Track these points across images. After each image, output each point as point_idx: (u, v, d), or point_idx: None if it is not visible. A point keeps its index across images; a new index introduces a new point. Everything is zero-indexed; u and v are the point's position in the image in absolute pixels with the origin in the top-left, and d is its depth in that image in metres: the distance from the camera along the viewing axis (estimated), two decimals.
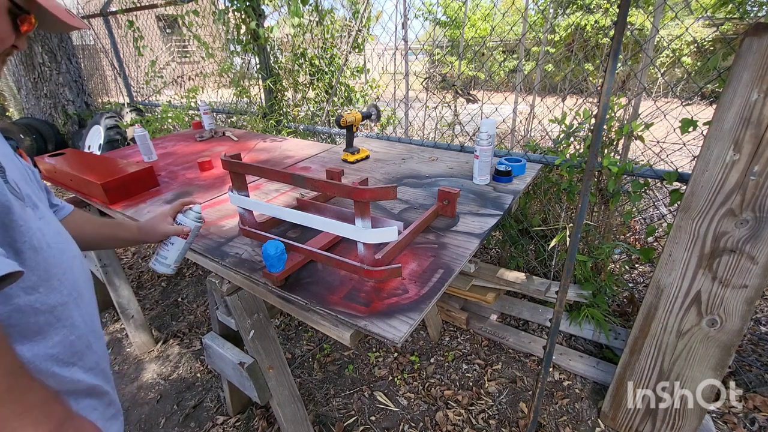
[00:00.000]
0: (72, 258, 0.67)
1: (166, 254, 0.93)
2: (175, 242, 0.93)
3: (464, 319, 2.11)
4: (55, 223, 0.68)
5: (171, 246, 0.93)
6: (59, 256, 0.63)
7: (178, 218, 0.95)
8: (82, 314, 0.67)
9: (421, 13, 9.03)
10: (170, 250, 0.93)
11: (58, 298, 0.62)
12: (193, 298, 2.56)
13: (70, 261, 0.66)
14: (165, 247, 0.94)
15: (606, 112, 0.90)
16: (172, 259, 0.94)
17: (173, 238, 0.93)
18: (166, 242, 0.93)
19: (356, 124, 1.83)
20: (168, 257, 0.93)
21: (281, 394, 1.36)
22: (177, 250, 0.94)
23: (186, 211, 0.96)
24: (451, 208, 1.26)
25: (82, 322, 0.67)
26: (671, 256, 1.29)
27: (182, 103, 3.80)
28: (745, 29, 1.06)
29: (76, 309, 0.66)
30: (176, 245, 0.93)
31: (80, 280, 0.68)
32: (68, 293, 0.64)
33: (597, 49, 3.99)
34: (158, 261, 0.93)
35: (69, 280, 0.65)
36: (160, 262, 0.93)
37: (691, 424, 1.41)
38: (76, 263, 0.68)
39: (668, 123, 1.71)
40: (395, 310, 0.86)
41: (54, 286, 0.61)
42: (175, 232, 0.94)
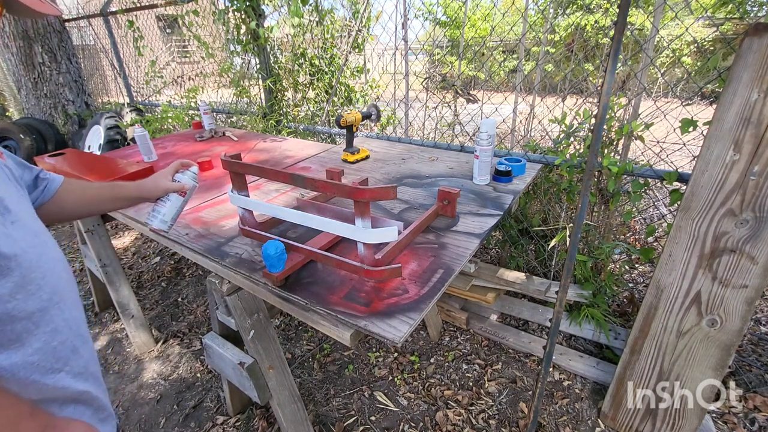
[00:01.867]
0: (52, 260, 0.64)
1: (164, 210, 0.96)
2: (173, 199, 0.97)
3: (464, 319, 2.11)
4: (33, 223, 0.65)
5: (168, 202, 0.96)
6: (36, 259, 0.60)
7: (177, 176, 0.99)
8: (65, 318, 0.64)
9: (421, 13, 9.03)
10: (167, 206, 0.96)
11: (36, 303, 0.59)
12: (193, 298, 2.56)
13: (50, 264, 0.63)
14: (162, 204, 0.97)
15: (606, 112, 0.90)
16: (170, 215, 0.97)
17: (171, 195, 0.96)
18: (164, 199, 0.96)
19: (356, 124, 1.83)
20: (166, 213, 0.96)
21: (281, 394, 1.36)
22: (174, 207, 0.97)
23: (183, 171, 1.00)
24: (451, 208, 1.26)
25: (66, 326, 0.64)
26: (671, 256, 1.29)
27: (182, 103, 3.80)
28: (745, 29, 1.06)
29: (58, 313, 0.63)
30: (173, 202, 0.97)
31: (61, 283, 0.65)
32: (48, 298, 0.61)
33: (597, 49, 3.99)
34: (155, 217, 0.96)
35: (49, 283, 0.62)
36: (157, 218, 0.96)
37: (691, 424, 1.41)
38: (57, 266, 0.65)
39: (668, 123, 1.70)
40: (395, 310, 0.86)
41: (32, 291, 0.59)
42: (176, 189, 0.96)
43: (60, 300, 0.64)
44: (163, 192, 0.96)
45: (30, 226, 0.63)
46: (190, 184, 0.99)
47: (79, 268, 2.95)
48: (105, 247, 1.97)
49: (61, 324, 0.63)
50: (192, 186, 1.00)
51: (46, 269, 0.62)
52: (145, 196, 0.96)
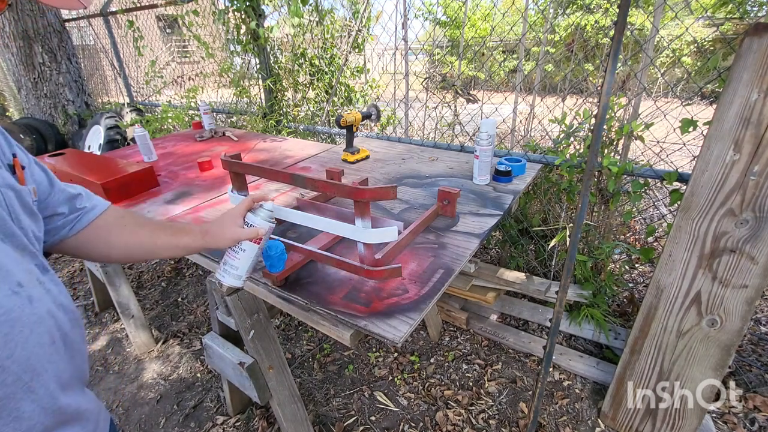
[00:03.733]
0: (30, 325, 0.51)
1: (237, 263, 0.76)
2: (247, 248, 0.76)
3: (464, 319, 2.11)
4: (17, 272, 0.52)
5: (242, 253, 0.76)
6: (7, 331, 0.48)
7: (248, 218, 0.78)
8: (38, 398, 0.52)
9: (421, 13, 9.03)
10: (241, 258, 0.76)
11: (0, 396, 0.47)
12: (193, 298, 2.56)
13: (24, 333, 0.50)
14: (235, 255, 0.76)
15: (606, 112, 0.90)
16: (244, 269, 0.77)
17: (245, 243, 0.76)
18: (236, 248, 0.76)
19: (356, 124, 1.83)
20: (239, 267, 0.77)
21: (281, 394, 1.36)
22: (249, 258, 0.77)
23: (256, 209, 0.79)
24: (451, 208, 1.26)
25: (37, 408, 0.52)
26: (671, 256, 1.29)
27: (182, 103, 3.80)
28: (745, 29, 1.06)
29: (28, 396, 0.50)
30: (248, 252, 0.76)
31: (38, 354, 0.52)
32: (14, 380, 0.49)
33: (597, 49, 3.99)
34: (227, 272, 0.77)
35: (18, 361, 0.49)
36: (230, 272, 0.77)
37: (691, 424, 1.41)
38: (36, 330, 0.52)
39: (668, 123, 1.70)
40: (395, 310, 0.86)
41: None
42: (248, 236, 0.75)
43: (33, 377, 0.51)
44: (232, 242, 0.76)
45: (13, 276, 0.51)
46: (266, 227, 0.77)
47: (79, 268, 2.95)
48: None
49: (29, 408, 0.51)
50: (268, 228, 0.78)
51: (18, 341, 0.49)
52: (211, 247, 0.76)
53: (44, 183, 0.66)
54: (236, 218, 0.77)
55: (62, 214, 0.68)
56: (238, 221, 0.77)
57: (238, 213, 0.77)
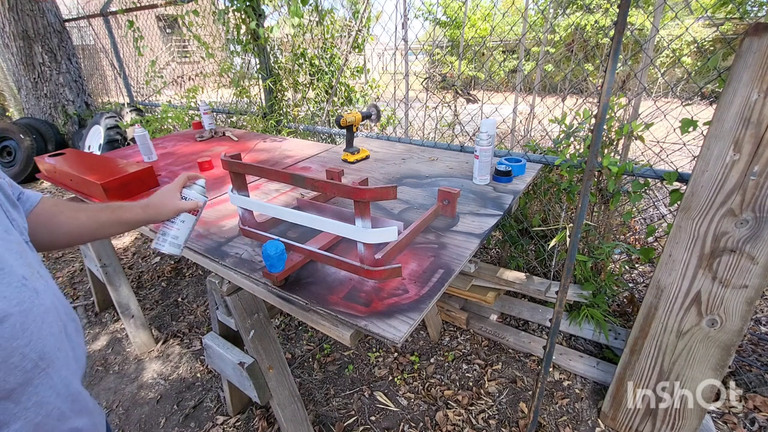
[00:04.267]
0: (41, 315, 0.54)
1: (177, 233, 0.84)
2: (186, 219, 0.85)
3: (464, 319, 2.11)
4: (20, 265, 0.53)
5: (181, 224, 0.84)
6: (23, 320, 0.51)
7: (184, 193, 0.86)
8: (54, 384, 0.55)
9: (421, 13, 9.04)
10: (181, 228, 0.84)
11: (19, 377, 0.50)
12: (193, 298, 2.56)
13: (38, 323, 0.53)
14: (173, 226, 0.84)
15: (606, 112, 0.90)
16: (183, 238, 0.85)
17: (183, 215, 0.85)
18: (175, 220, 0.84)
19: (356, 124, 1.83)
20: (179, 236, 0.85)
21: (281, 394, 1.36)
22: (187, 227, 0.85)
23: (191, 185, 0.88)
24: (451, 208, 1.26)
25: (53, 393, 0.55)
26: (671, 256, 1.29)
27: (182, 103, 3.80)
28: (745, 29, 1.06)
29: (46, 381, 0.54)
30: (187, 222, 0.85)
31: (51, 340, 0.55)
32: (33, 367, 0.52)
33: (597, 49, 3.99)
34: (166, 241, 0.84)
35: (35, 349, 0.52)
36: (170, 242, 0.84)
37: (691, 424, 1.41)
38: (47, 318, 0.55)
39: (668, 123, 1.71)
40: (395, 310, 0.86)
41: (14, 363, 0.50)
42: (189, 208, 0.84)
43: (48, 364, 0.55)
44: (174, 213, 0.83)
45: (16, 271, 0.53)
46: (201, 200, 0.87)
47: (79, 268, 2.95)
48: (105, 246, 1.97)
49: (48, 393, 0.55)
50: (203, 202, 0.88)
51: (33, 330, 0.53)
52: (154, 219, 0.83)
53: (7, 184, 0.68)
54: (174, 192, 0.84)
55: None
56: (177, 195, 0.85)
57: (175, 188, 0.85)
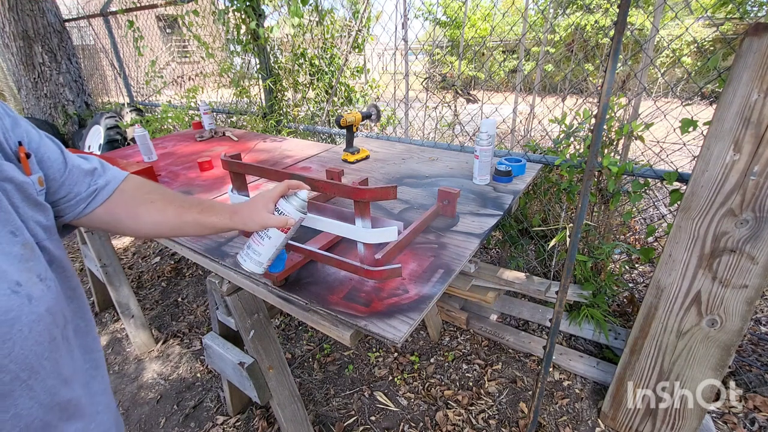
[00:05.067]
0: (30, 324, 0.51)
1: (261, 249, 0.75)
2: (273, 236, 0.74)
3: (464, 319, 2.11)
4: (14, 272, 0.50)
5: (267, 240, 0.74)
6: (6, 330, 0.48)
7: (279, 204, 0.75)
8: (35, 395, 0.53)
9: (421, 13, 9.04)
10: (266, 245, 0.75)
11: None
12: (193, 298, 2.56)
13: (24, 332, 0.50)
14: (260, 241, 0.75)
15: (606, 112, 0.90)
16: (267, 256, 0.76)
17: (271, 230, 0.74)
18: (262, 234, 0.75)
19: (356, 124, 1.83)
20: (262, 253, 0.75)
21: (281, 394, 1.36)
22: (273, 246, 0.75)
23: (290, 196, 0.76)
24: (451, 208, 1.26)
25: (35, 404, 0.53)
26: (671, 256, 1.29)
27: (182, 103, 3.80)
28: (745, 29, 1.06)
29: (26, 393, 0.51)
30: (273, 240, 0.74)
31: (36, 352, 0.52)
32: (12, 379, 0.49)
33: (597, 49, 3.99)
34: (249, 256, 0.76)
35: (16, 360, 0.49)
36: (252, 257, 0.76)
37: (691, 424, 1.41)
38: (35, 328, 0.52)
39: (668, 123, 1.71)
40: (395, 310, 0.86)
41: None
42: (276, 224, 0.73)
43: (31, 374, 0.52)
44: (260, 227, 0.73)
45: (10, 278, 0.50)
46: (297, 217, 0.75)
47: (79, 268, 2.95)
48: (105, 247, 1.97)
49: (27, 405, 0.52)
50: (299, 219, 0.75)
51: (16, 340, 0.49)
52: (238, 228, 0.74)
53: (58, 162, 0.63)
54: (268, 203, 0.74)
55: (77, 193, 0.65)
56: (270, 206, 0.74)
57: (270, 198, 0.74)
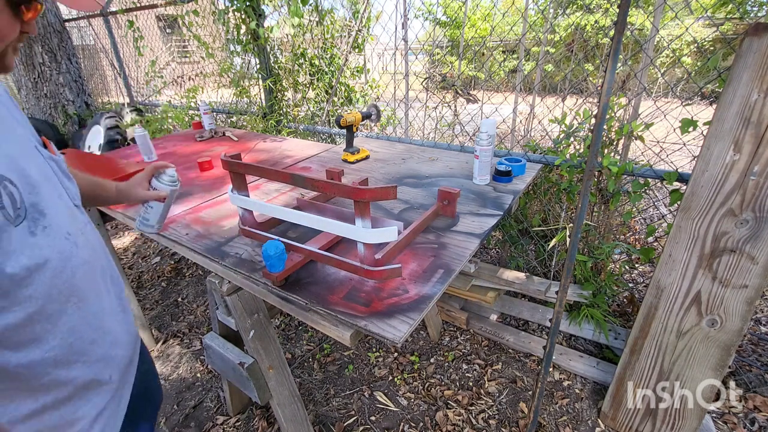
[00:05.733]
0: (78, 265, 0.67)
1: (148, 216, 0.99)
2: (154, 206, 0.97)
3: (464, 319, 2.11)
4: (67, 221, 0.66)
5: (151, 209, 0.98)
6: (62, 266, 0.63)
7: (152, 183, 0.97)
8: (84, 316, 0.68)
9: (421, 13, 9.04)
10: (150, 213, 0.98)
11: (56, 306, 0.63)
12: (193, 298, 2.56)
13: (74, 268, 0.66)
14: (146, 210, 0.99)
15: (606, 112, 0.90)
16: (154, 220, 0.99)
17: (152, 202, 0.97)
18: (146, 206, 0.98)
19: (356, 124, 1.83)
20: (149, 218, 0.99)
21: (281, 394, 1.36)
22: (157, 213, 0.99)
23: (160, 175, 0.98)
24: (451, 208, 1.26)
25: (84, 323, 0.69)
26: (671, 256, 1.29)
27: (182, 103, 3.80)
28: (745, 29, 1.06)
29: (76, 313, 0.67)
30: (155, 208, 0.98)
31: (83, 285, 0.68)
32: (66, 300, 0.64)
33: (597, 49, 3.99)
34: (141, 222, 0.99)
35: (69, 288, 0.65)
36: (144, 223, 0.99)
37: (691, 424, 1.41)
38: (83, 268, 0.68)
39: (668, 123, 1.71)
40: (395, 310, 0.86)
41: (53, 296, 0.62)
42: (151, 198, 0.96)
43: (80, 300, 0.67)
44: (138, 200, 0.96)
45: (62, 226, 0.65)
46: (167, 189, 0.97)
47: None
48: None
49: (79, 322, 0.68)
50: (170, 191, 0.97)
51: (70, 274, 0.65)
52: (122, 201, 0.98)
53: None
54: (142, 182, 0.97)
55: None
56: (144, 184, 0.97)
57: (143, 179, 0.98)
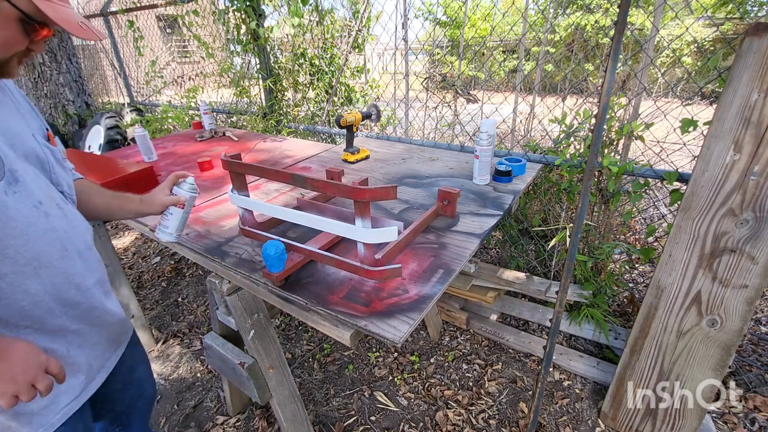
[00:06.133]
0: (42, 232, 0.72)
1: (168, 223, 1.02)
2: (174, 212, 1.01)
3: (464, 319, 2.11)
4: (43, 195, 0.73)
5: (170, 216, 1.02)
6: (23, 228, 0.69)
7: (174, 190, 1.02)
8: (43, 283, 0.73)
9: (421, 13, 9.04)
10: (170, 219, 1.02)
11: (10, 266, 0.68)
12: (193, 298, 2.56)
13: (39, 234, 0.71)
14: (165, 218, 1.02)
15: (606, 112, 0.90)
16: (173, 227, 1.03)
17: (171, 208, 1.01)
18: (166, 213, 1.02)
19: (356, 124, 1.83)
20: (169, 226, 1.02)
21: (281, 394, 1.36)
22: (176, 219, 1.03)
23: (180, 183, 1.04)
24: (451, 208, 1.26)
25: (42, 290, 0.73)
26: (671, 256, 1.29)
27: (182, 103, 3.80)
28: (745, 29, 1.06)
29: (34, 278, 0.71)
30: (175, 215, 1.02)
31: (45, 253, 0.73)
32: (25, 263, 0.70)
33: (597, 49, 3.99)
34: (161, 230, 1.03)
35: (29, 251, 0.70)
36: (162, 231, 1.03)
37: (691, 424, 1.41)
38: (46, 237, 0.73)
39: (668, 123, 1.71)
40: (395, 310, 0.86)
41: (8, 255, 0.67)
42: (171, 202, 1.01)
43: (39, 266, 0.72)
44: (161, 207, 1.00)
45: (34, 196, 0.72)
46: (187, 195, 1.03)
47: None
48: (105, 247, 1.97)
49: (36, 288, 0.72)
50: (189, 197, 1.03)
51: (30, 238, 0.70)
52: (146, 212, 1.02)
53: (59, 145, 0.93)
54: (164, 189, 1.02)
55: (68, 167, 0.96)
56: (166, 191, 1.02)
57: (164, 186, 1.02)
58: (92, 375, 0.88)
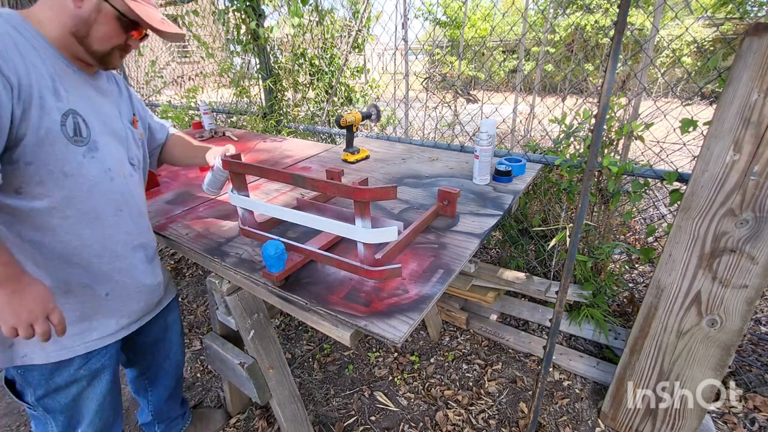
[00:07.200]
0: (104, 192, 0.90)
1: (206, 179, 1.27)
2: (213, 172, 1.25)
3: (464, 319, 2.11)
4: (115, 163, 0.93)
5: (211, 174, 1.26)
6: (89, 185, 0.86)
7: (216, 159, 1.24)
8: (95, 233, 0.91)
9: (421, 13, 9.05)
10: (208, 176, 1.27)
11: (73, 211, 0.85)
12: (193, 298, 2.56)
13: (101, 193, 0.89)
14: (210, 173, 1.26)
15: (606, 112, 0.90)
16: (205, 182, 1.27)
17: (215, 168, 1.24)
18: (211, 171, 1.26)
19: (356, 124, 1.83)
20: (205, 181, 1.27)
21: (281, 394, 1.36)
22: (208, 177, 1.27)
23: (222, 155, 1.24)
24: (451, 208, 1.26)
25: (93, 238, 0.90)
26: (671, 256, 1.29)
27: (182, 103, 3.80)
28: (745, 29, 1.06)
29: (89, 227, 0.89)
30: (208, 174, 1.27)
31: (101, 209, 0.90)
32: (85, 212, 0.87)
33: (597, 49, 3.99)
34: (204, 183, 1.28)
35: (87, 205, 0.87)
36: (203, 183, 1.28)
37: (691, 424, 1.41)
38: (107, 197, 0.91)
39: (668, 123, 1.71)
40: (395, 310, 0.86)
41: (74, 203, 0.85)
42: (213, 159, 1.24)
43: (95, 219, 0.90)
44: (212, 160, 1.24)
45: (106, 163, 0.90)
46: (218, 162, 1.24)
47: None
48: None
49: (88, 234, 0.89)
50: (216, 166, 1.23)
51: (92, 194, 0.88)
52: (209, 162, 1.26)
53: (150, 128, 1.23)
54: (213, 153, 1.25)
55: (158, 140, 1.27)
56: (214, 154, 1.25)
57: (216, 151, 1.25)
58: (122, 323, 1.02)
